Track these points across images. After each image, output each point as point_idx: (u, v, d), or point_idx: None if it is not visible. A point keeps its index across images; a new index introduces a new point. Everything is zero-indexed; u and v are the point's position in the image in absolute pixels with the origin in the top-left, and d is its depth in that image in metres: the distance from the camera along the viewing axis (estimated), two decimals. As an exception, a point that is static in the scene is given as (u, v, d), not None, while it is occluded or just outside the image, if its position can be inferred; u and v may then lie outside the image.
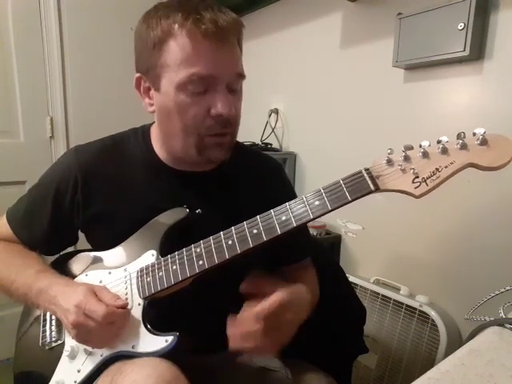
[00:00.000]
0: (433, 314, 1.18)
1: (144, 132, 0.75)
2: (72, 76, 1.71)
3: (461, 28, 1.06)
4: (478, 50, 1.09)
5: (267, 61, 1.86)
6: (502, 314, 0.64)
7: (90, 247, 0.76)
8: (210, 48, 0.58)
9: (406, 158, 0.50)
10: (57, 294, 0.61)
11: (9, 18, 1.54)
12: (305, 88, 1.68)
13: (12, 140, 1.62)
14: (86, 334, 0.59)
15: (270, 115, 1.83)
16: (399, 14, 1.21)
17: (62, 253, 0.79)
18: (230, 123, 0.65)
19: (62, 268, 0.73)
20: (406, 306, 1.25)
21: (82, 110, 1.76)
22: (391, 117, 1.35)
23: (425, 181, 0.49)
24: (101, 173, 0.70)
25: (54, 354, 0.67)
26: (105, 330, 0.57)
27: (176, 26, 0.58)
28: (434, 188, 0.49)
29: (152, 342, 0.58)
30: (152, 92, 0.65)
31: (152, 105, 0.66)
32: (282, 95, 1.80)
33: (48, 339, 0.69)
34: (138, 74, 0.66)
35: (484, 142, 0.47)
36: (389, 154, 0.52)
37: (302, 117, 1.71)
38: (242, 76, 0.64)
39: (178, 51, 0.58)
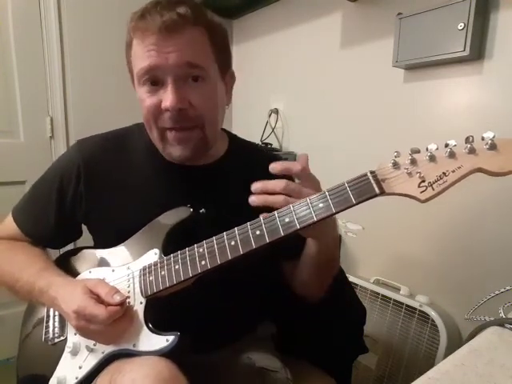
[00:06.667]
0: (433, 314, 1.18)
1: None
2: (72, 76, 1.71)
3: (461, 28, 1.06)
4: (477, 50, 1.10)
5: (267, 61, 1.86)
6: (502, 314, 0.64)
7: (92, 243, 0.76)
8: (152, 41, 0.59)
9: (413, 162, 0.49)
10: (57, 296, 0.62)
11: (9, 18, 1.54)
12: (305, 88, 1.68)
13: (12, 140, 1.62)
14: (91, 335, 0.60)
15: (270, 115, 1.83)
16: (399, 14, 1.21)
17: (66, 248, 0.79)
18: (187, 117, 0.63)
19: (67, 264, 0.73)
20: (406, 305, 1.25)
21: (82, 110, 1.75)
22: (391, 117, 1.35)
23: (431, 185, 0.47)
24: (103, 166, 0.71)
25: (56, 350, 0.67)
26: (109, 329, 0.57)
27: (131, 26, 0.63)
28: (440, 193, 0.47)
29: (153, 341, 0.58)
30: None
31: None
32: (282, 95, 1.80)
33: (51, 335, 0.70)
34: None
35: (493, 146, 0.45)
36: (395, 156, 0.50)
37: (302, 117, 1.71)
38: (192, 65, 0.61)
39: (134, 48, 0.63)
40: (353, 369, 0.88)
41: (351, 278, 1.41)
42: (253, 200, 0.55)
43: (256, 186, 0.55)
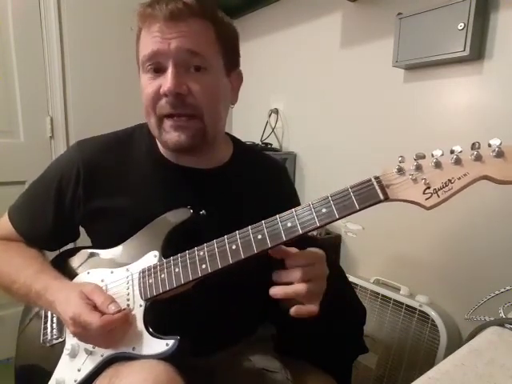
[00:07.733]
0: (433, 314, 1.18)
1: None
2: (72, 76, 1.71)
3: (461, 28, 1.06)
4: (477, 50, 1.09)
5: (267, 61, 1.86)
6: (502, 314, 0.64)
7: (90, 243, 0.75)
8: (157, 29, 0.61)
9: (418, 168, 0.48)
10: (54, 300, 0.61)
11: (9, 18, 1.54)
12: (305, 88, 1.68)
13: (12, 140, 1.62)
14: (88, 340, 0.60)
15: (270, 115, 1.83)
16: (399, 14, 1.21)
17: (63, 249, 0.78)
18: (185, 104, 0.63)
19: (65, 265, 0.73)
20: (406, 305, 1.25)
21: (82, 110, 1.75)
22: (391, 117, 1.35)
23: (436, 192, 0.47)
24: (103, 168, 0.70)
25: (54, 351, 0.67)
26: (106, 335, 0.57)
27: (139, 15, 0.64)
28: (445, 200, 0.47)
29: (152, 344, 0.58)
30: None
31: None
32: (282, 95, 1.80)
33: (49, 336, 0.69)
34: None
35: (500, 154, 0.44)
36: (400, 162, 0.49)
37: (302, 117, 1.71)
38: (194, 53, 0.61)
39: (142, 38, 0.64)
40: (353, 369, 0.88)
41: (351, 278, 1.41)
42: (274, 293, 0.55)
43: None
